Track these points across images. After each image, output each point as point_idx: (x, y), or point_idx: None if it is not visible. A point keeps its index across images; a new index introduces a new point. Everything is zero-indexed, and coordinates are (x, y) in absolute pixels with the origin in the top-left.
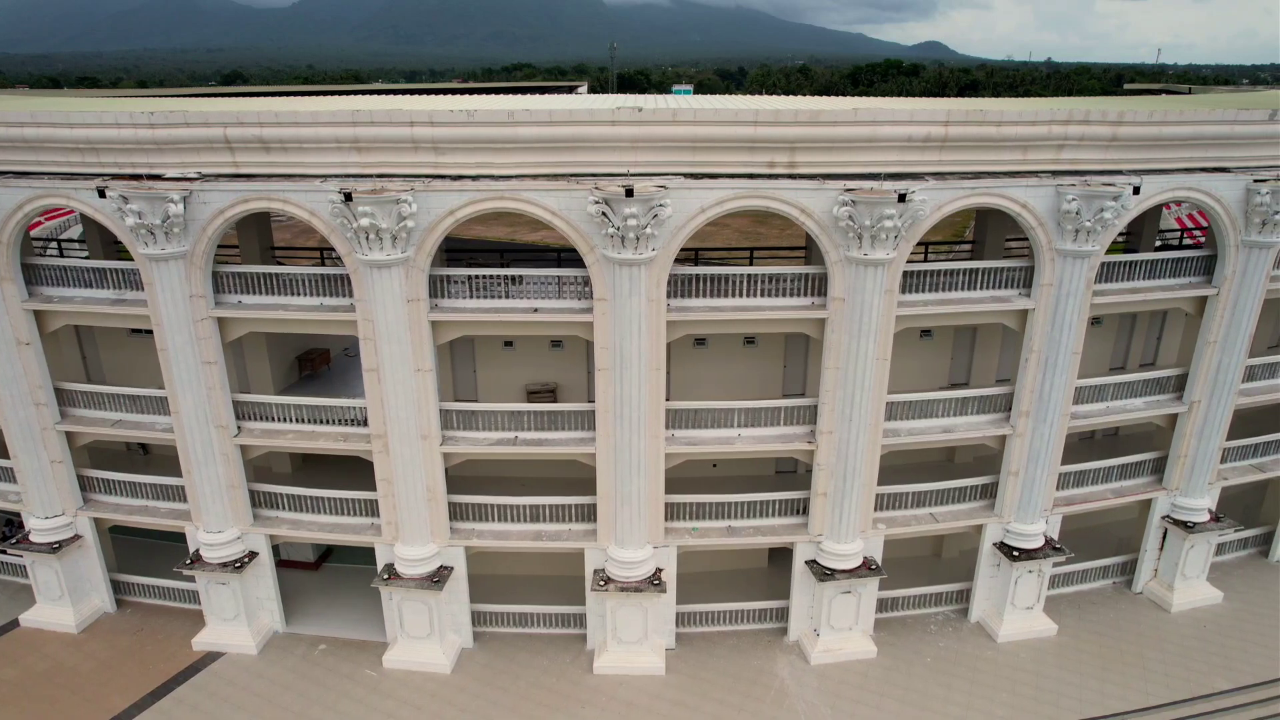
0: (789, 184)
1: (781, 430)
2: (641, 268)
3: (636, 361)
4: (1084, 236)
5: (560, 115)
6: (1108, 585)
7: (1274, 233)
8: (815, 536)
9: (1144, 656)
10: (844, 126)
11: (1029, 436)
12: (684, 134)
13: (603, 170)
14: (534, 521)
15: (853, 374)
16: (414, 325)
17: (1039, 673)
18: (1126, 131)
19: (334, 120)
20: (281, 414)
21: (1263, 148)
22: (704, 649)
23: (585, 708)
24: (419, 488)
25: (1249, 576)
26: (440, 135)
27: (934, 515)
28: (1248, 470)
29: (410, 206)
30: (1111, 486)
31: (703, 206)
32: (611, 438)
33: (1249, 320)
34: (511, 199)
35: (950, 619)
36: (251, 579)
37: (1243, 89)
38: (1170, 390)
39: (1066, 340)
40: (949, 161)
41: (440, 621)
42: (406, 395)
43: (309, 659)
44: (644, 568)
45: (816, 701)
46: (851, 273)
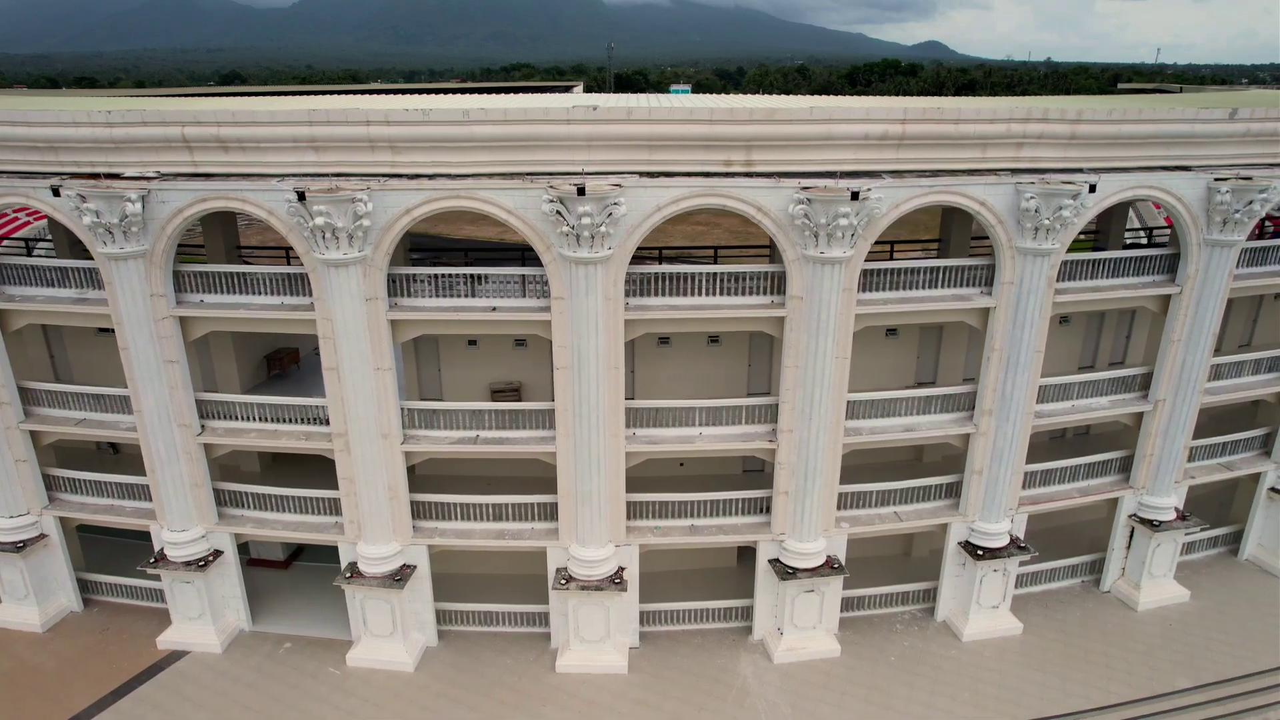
0: (746, 182)
1: (743, 429)
2: (598, 266)
3: (594, 360)
4: (1043, 234)
5: (515, 114)
6: (1076, 584)
7: (1235, 231)
8: (778, 535)
9: (1108, 655)
10: (799, 125)
11: (992, 435)
12: (640, 132)
13: (559, 169)
14: (497, 520)
15: (812, 372)
16: (373, 324)
17: (1002, 671)
18: (1085, 130)
19: (290, 120)
20: (245, 413)
21: (1223, 146)
22: (668, 648)
23: (546, 706)
24: (380, 486)
25: (1218, 575)
26: (396, 134)
27: (898, 514)
28: (1216, 469)
29: (365, 205)
30: (1078, 485)
31: (659, 205)
32: (571, 436)
33: (1212, 319)
34: (467, 198)
35: (917, 618)
36: (216, 578)
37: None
38: (1136, 389)
39: (1028, 338)
40: (907, 160)
41: (403, 620)
42: (366, 394)
43: (273, 657)
44: (605, 566)
45: (778, 700)
46: (809, 271)
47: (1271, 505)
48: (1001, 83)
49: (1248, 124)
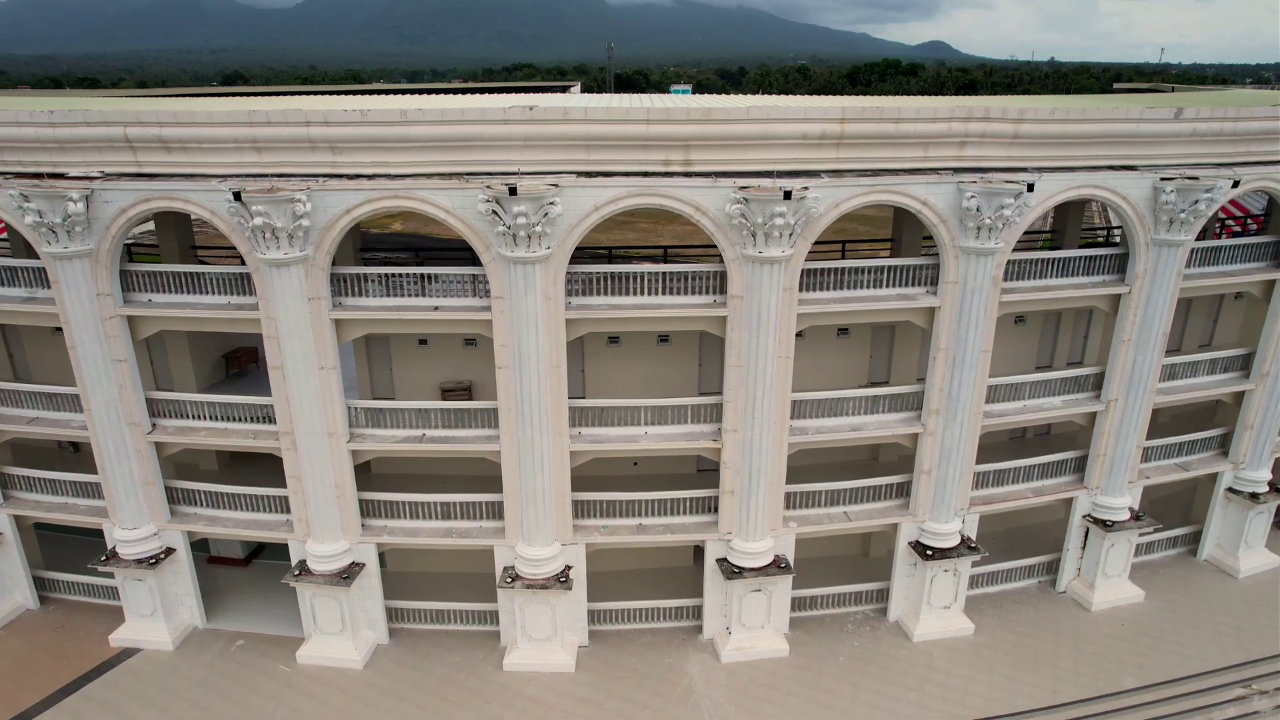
0: (684, 182)
1: (688, 429)
2: (536, 266)
3: (534, 360)
4: (986, 233)
5: (452, 115)
6: (1033, 585)
7: (1182, 231)
8: (724, 535)
9: (1058, 655)
10: (736, 124)
11: (940, 435)
12: (576, 132)
13: (497, 169)
14: (445, 519)
15: (754, 372)
16: (316, 323)
17: (950, 672)
18: (1028, 129)
19: (230, 120)
20: (195, 411)
21: (1170, 146)
22: (618, 646)
23: (491, 704)
24: (327, 485)
25: (1175, 575)
26: (335, 135)
27: (848, 514)
28: (1172, 469)
29: (304, 205)
30: (1031, 485)
31: (596, 205)
32: (514, 435)
33: (1162, 319)
34: (406, 198)
35: (870, 618)
36: (168, 575)
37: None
38: (1088, 389)
39: (974, 338)
40: (847, 159)
41: (353, 617)
42: (311, 393)
43: (225, 655)
44: (551, 565)
45: (722, 699)
46: (748, 271)
47: (1229, 506)
48: (1002, 82)
49: (1194, 124)
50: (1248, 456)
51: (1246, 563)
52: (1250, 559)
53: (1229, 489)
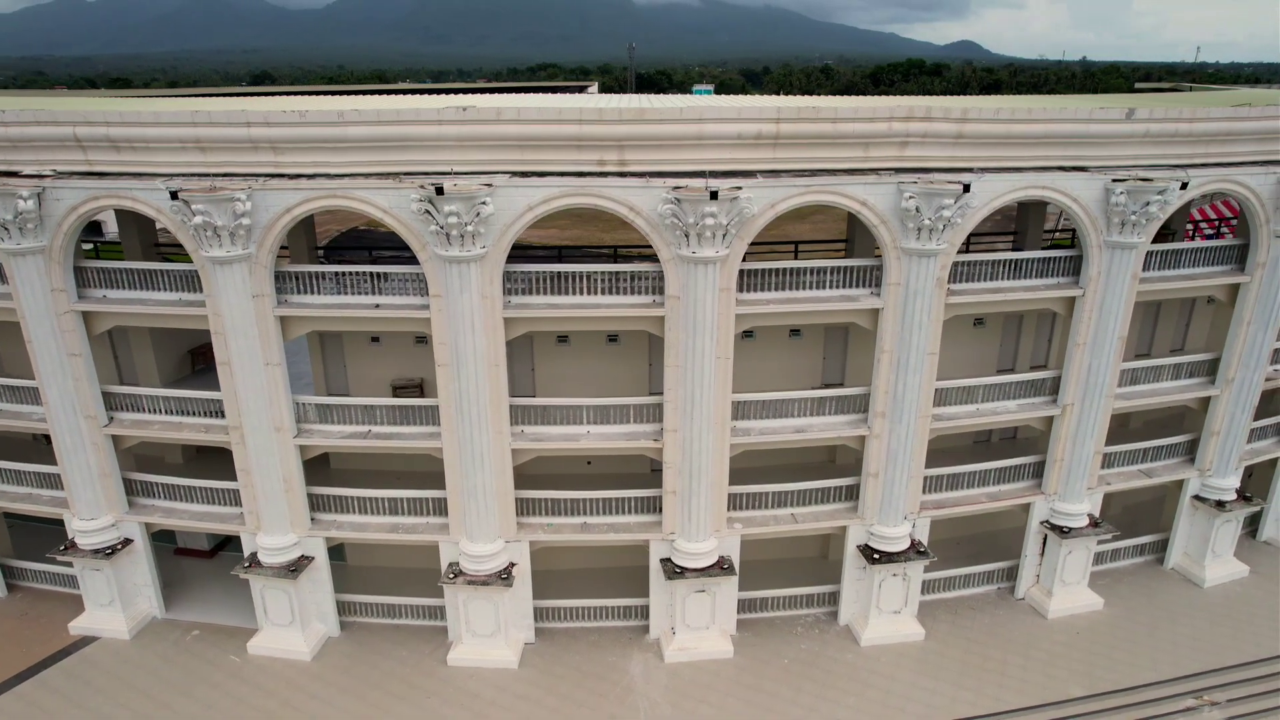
0: (618, 182)
1: (630, 428)
2: (471, 265)
3: (472, 358)
4: (927, 235)
5: (388, 115)
6: (992, 591)
7: (1135, 234)
8: (667, 535)
9: (1006, 663)
10: (669, 124)
11: (886, 438)
12: (510, 132)
13: (432, 169)
14: (392, 514)
15: (693, 372)
16: (260, 320)
17: (893, 677)
18: (972, 129)
19: (174, 120)
20: (151, 405)
21: (1123, 147)
22: (564, 644)
23: (431, 698)
24: (275, 479)
25: (1139, 584)
26: (276, 135)
27: (795, 516)
28: (1134, 476)
29: (244, 204)
30: (987, 490)
31: (530, 204)
32: (456, 433)
33: (1117, 322)
34: (344, 197)
35: (821, 621)
36: (126, 565)
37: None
38: (1045, 393)
39: (917, 340)
40: (784, 159)
41: (302, 610)
42: (257, 388)
43: (179, 644)
44: (493, 562)
45: (659, 699)
46: (684, 271)
47: (1195, 514)
48: (1027, 82)
49: (1147, 124)
50: (1214, 463)
51: (1213, 572)
52: (1217, 568)
53: (1195, 497)
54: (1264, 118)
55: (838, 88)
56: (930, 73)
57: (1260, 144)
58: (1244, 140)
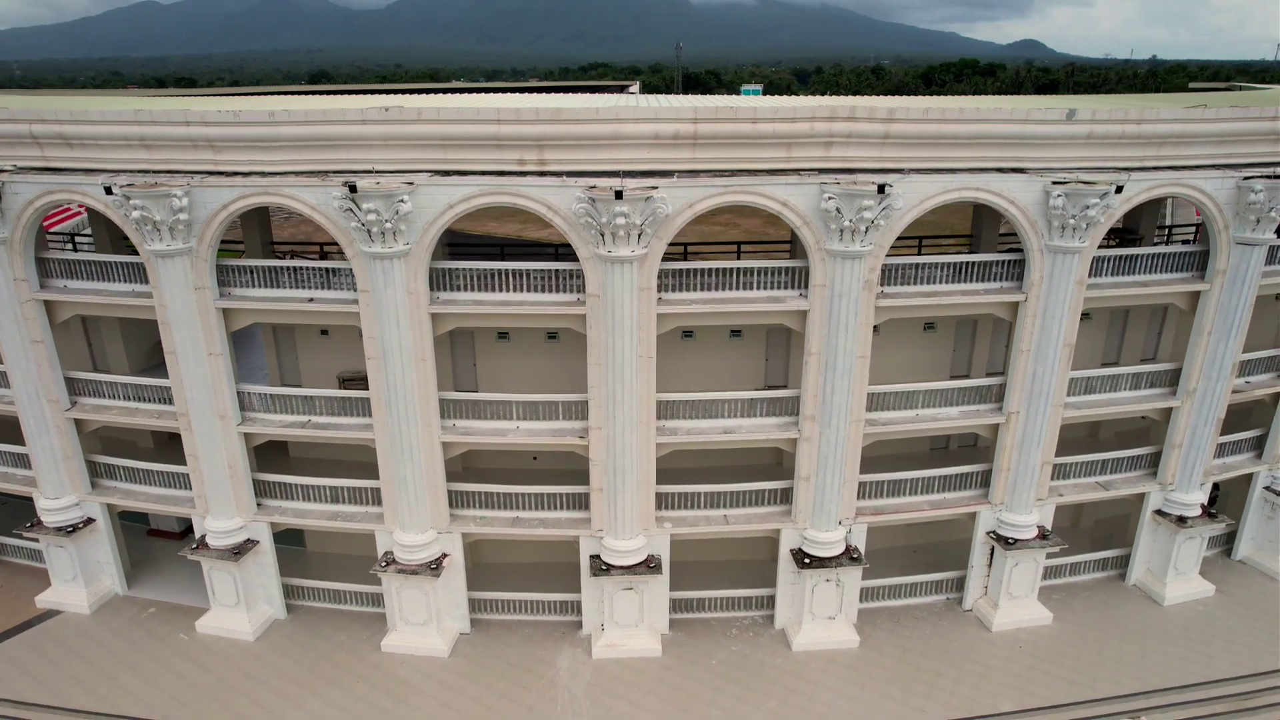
0: (536, 181)
1: (558, 424)
2: (395, 261)
3: (398, 352)
4: (849, 236)
5: (315, 115)
6: (940, 601)
7: (1075, 238)
8: (596, 532)
9: (939, 674)
10: (586, 124)
11: (817, 441)
12: (431, 132)
13: (359, 167)
14: (333, 502)
15: (614, 371)
16: (203, 312)
17: (819, 683)
18: (900, 129)
19: (120, 119)
20: (111, 391)
21: (1065, 149)
22: (498, 636)
23: (360, 682)
24: (220, 464)
25: (1096, 599)
26: (213, 134)
27: (727, 517)
28: (1091, 488)
29: (180, 200)
30: (929, 498)
31: (450, 203)
32: (386, 425)
33: (1062, 329)
34: (275, 194)
35: (757, 624)
36: (89, 543)
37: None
38: (990, 400)
39: (845, 343)
40: (704, 159)
41: (248, 591)
42: (201, 378)
43: (135, 621)
44: (424, 552)
45: (580, 694)
46: (602, 270)
47: (1157, 529)
48: (1085, 83)
49: (1090, 126)
50: (1176, 478)
51: (1174, 590)
52: (1179, 586)
53: (1156, 511)
54: (1218, 120)
55: (887, 88)
56: (983, 73)
57: (1216, 147)
58: (1199, 143)
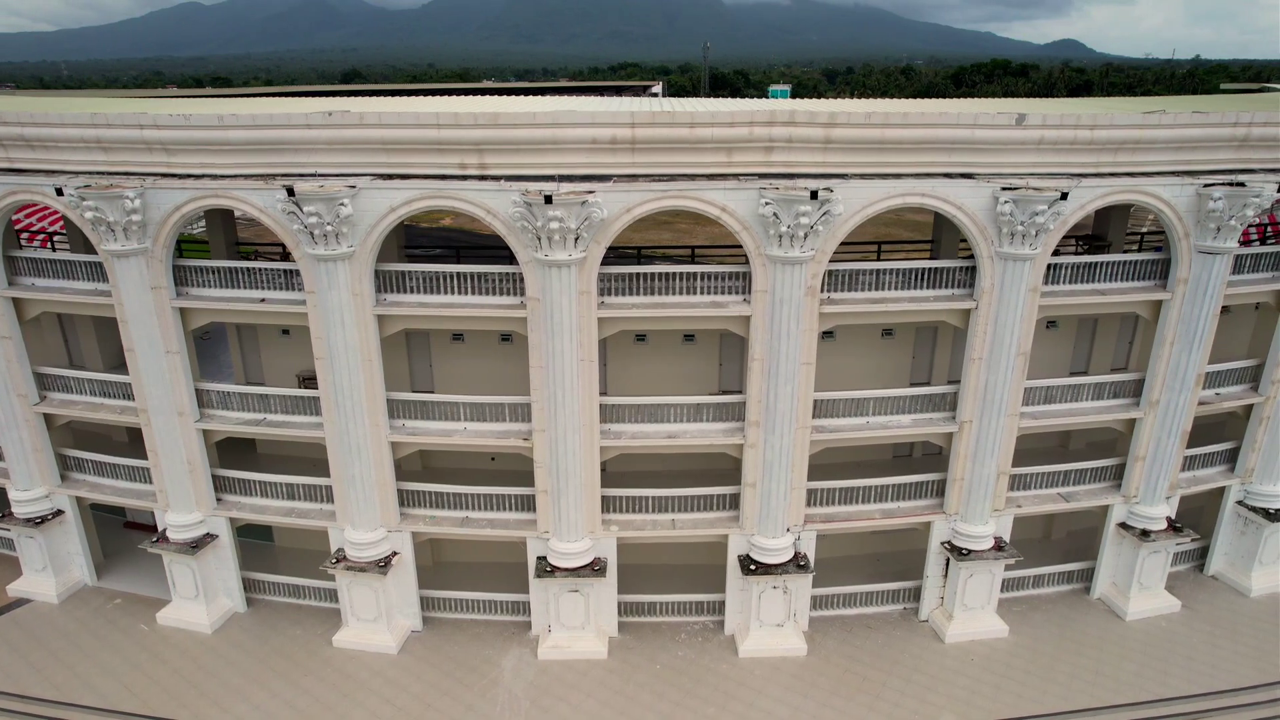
0: (476, 185)
1: (503, 426)
2: (339, 263)
3: (344, 353)
4: (789, 242)
5: (262, 119)
6: (897, 611)
7: (1025, 245)
8: (542, 533)
9: (884, 685)
10: (524, 129)
11: (762, 448)
12: (373, 136)
13: (305, 171)
14: (289, 499)
15: (555, 374)
16: (160, 310)
17: (761, 691)
18: (841, 134)
19: (76, 122)
20: (78, 387)
21: (1016, 154)
22: (448, 634)
23: (307, 676)
24: (179, 460)
25: (1056, 613)
26: (166, 137)
27: (675, 522)
28: (1052, 499)
29: (132, 202)
30: (883, 507)
31: (392, 206)
32: (335, 424)
33: (1014, 337)
34: (226, 196)
35: (707, 630)
36: (58, 534)
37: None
38: (944, 408)
39: (787, 349)
40: (643, 164)
41: (207, 585)
42: (159, 375)
43: (100, 611)
44: (374, 550)
45: (521, 695)
46: (541, 273)
47: (1122, 543)
48: (1120, 83)
49: (1041, 131)
50: (1140, 490)
51: (1137, 605)
52: (1142, 601)
53: (1121, 524)
54: (1176, 126)
55: (916, 89)
56: (1015, 73)
57: (1176, 153)
58: (1157, 149)
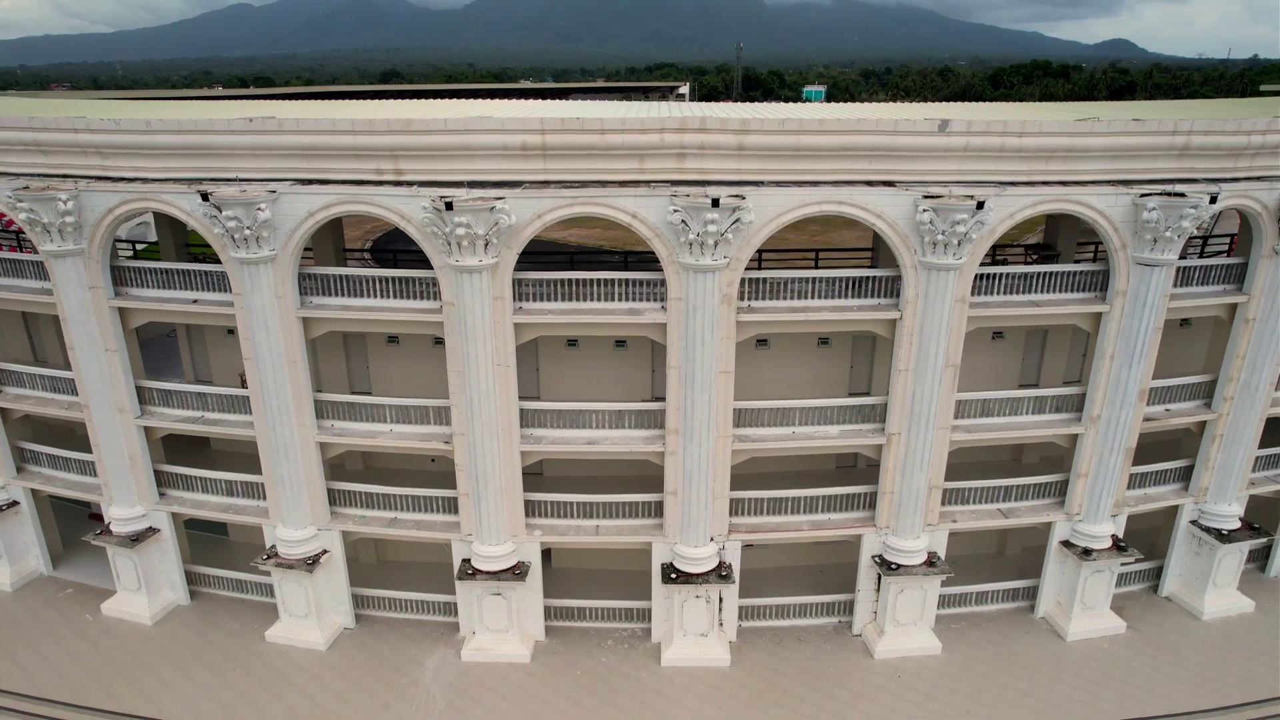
0: (390, 190)
1: (427, 429)
2: (261, 266)
3: (269, 354)
4: (699, 249)
5: (187, 124)
6: (832, 624)
7: (949, 254)
8: (465, 536)
9: (805, 700)
10: (436, 135)
11: (681, 456)
12: (292, 142)
13: (232, 175)
14: (229, 495)
15: (472, 378)
16: (97, 310)
17: (676, 701)
18: (754, 141)
19: (15, 125)
20: (31, 382)
21: (939, 161)
22: (380, 633)
23: (236, 670)
24: (121, 455)
25: (996, 631)
26: (99, 141)
27: (599, 528)
28: (991, 515)
29: (64, 204)
30: (812, 518)
31: (310, 211)
32: (264, 423)
33: (941, 349)
34: (155, 200)
35: (636, 637)
36: (13, 525)
37: None
38: (874, 420)
39: (704, 358)
40: (555, 170)
41: (150, 578)
42: (99, 372)
43: (50, 601)
44: (305, 547)
45: (438, 696)
46: (454, 278)
47: (1064, 560)
48: (1166, 84)
49: (966, 138)
50: (1083, 508)
51: (1079, 625)
52: (1085, 622)
53: (1063, 542)
54: (1110, 134)
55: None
56: (1056, 74)
57: (1111, 162)
58: (1091, 158)
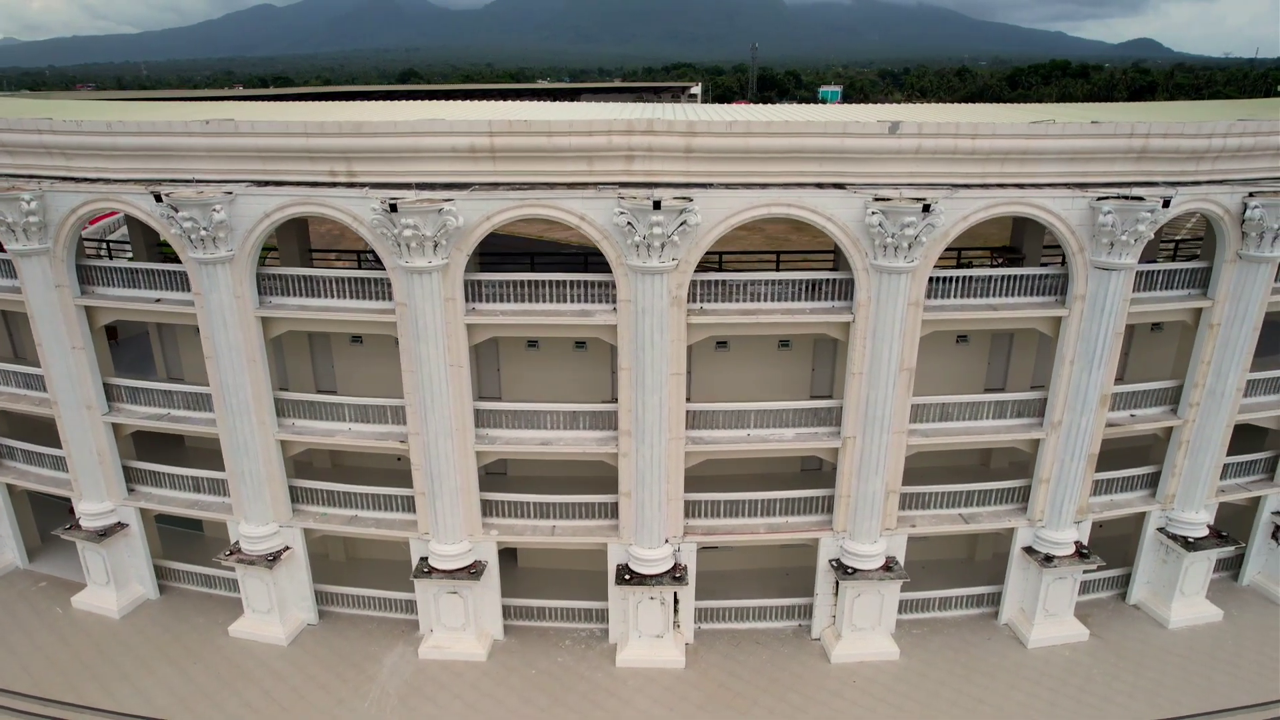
0: (343, 192)
1: (384, 428)
2: (218, 266)
3: (229, 353)
4: (646, 252)
5: (146, 126)
6: (792, 627)
7: (900, 257)
8: (422, 534)
9: (757, 704)
10: (386, 138)
11: (634, 457)
12: (247, 144)
13: (191, 176)
14: (195, 492)
15: (425, 378)
16: (64, 308)
17: (628, 702)
18: (701, 143)
19: None
20: (5, 378)
21: (890, 164)
22: (342, 630)
23: (197, 664)
24: (90, 450)
25: (957, 637)
26: (61, 142)
27: (555, 529)
28: (952, 520)
29: (28, 204)
30: (769, 521)
31: (266, 212)
32: (225, 421)
33: (895, 352)
34: (116, 200)
35: (594, 637)
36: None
37: None
38: (830, 423)
39: (654, 360)
40: (504, 172)
41: (119, 572)
42: (66, 370)
43: (23, 594)
44: (267, 544)
45: (393, 693)
46: (405, 279)
47: (1026, 567)
48: (1187, 84)
49: (918, 140)
50: (1045, 514)
51: (1040, 632)
52: (1047, 628)
53: (1025, 548)
54: (1064, 136)
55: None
56: (1075, 74)
57: (1068, 165)
58: (1046, 160)
